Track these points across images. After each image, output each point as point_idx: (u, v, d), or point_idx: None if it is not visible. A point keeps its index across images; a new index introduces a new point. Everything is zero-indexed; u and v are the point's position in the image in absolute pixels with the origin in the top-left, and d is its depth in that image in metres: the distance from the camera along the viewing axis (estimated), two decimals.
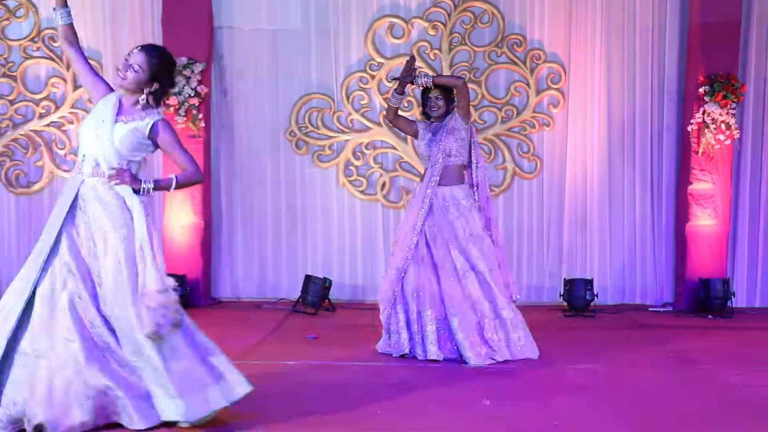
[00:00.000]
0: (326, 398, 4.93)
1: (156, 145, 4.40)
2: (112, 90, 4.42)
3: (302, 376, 5.43)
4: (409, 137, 8.18)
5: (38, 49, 8.32)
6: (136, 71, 4.31)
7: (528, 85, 8.21)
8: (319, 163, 8.36)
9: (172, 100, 7.87)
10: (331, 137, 8.34)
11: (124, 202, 4.25)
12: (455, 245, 5.90)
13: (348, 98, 8.30)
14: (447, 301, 5.85)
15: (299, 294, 7.95)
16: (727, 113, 7.72)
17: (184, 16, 7.99)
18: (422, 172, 6.19)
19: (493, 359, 5.78)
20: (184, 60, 7.88)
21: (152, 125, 4.35)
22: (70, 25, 4.44)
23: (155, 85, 4.38)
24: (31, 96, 8.34)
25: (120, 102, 4.36)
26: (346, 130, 8.34)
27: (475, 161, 6.08)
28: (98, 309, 4.17)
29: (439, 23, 8.22)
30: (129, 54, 4.36)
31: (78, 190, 4.28)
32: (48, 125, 8.34)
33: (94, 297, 4.19)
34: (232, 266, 8.51)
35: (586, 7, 8.15)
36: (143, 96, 4.35)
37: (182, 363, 4.20)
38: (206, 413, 4.18)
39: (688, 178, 7.93)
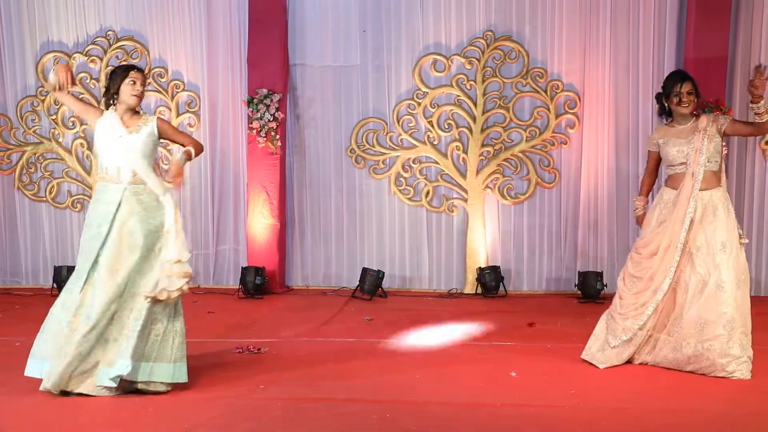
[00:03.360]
0: (379, 367, 5.05)
1: (160, 138, 4.60)
2: (101, 111, 4.59)
3: (360, 350, 5.53)
4: (451, 153, 8.29)
5: (149, 84, 8.34)
6: (144, 86, 4.59)
7: (548, 110, 8.19)
8: (374, 175, 8.43)
9: (255, 124, 8.05)
10: (384, 154, 8.40)
11: (157, 199, 4.45)
12: None
13: (398, 121, 8.34)
14: None
15: (357, 283, 8.01)
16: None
17: (266, 56, 8.10)
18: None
19: None
20: (265, 91, 8.05)
21: (156, 125, 4.56)
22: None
23: None
24: None
25: (121, 117, 4.52)
26: (396, 147, 8.38)
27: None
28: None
29: (474, 59, 8.23)
30: (134, 76, 4.50)
31: (110, 194, 4.46)
32: None
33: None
34: (303, 260, 8.57)
35: (597, 45, 8.11)
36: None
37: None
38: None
39: None
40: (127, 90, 4.51)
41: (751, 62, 7.91)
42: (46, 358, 4.34)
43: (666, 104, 5.02)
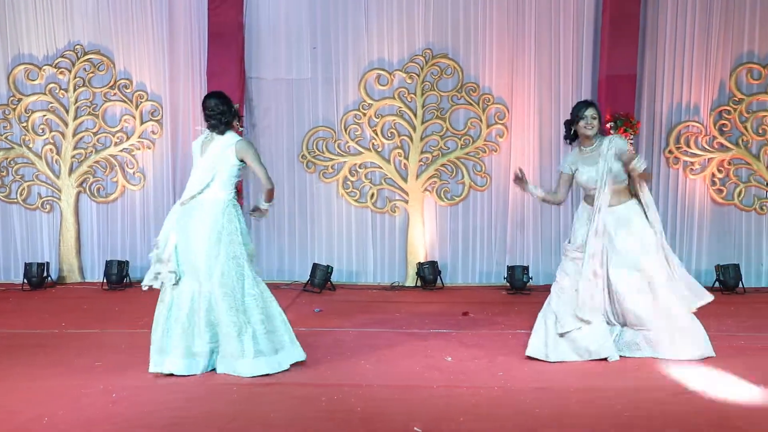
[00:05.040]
0: (328, 354, 5.04)
1: None
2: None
3: (311, 339, 5.49)
4: (393, 159, 8.32)
5: (115, 94, 8.32)
6: None
7: (481, 120, 8.26)
8: (324, 179, 8.40)
9: None
10: (332, 159, 8.38)
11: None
12: None
13: (346, 130, 8.33)
14: None
15: (308, 277, 7.98)
16: (627, 142, 7.79)
17: (224, 69, 8.00)
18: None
19: None
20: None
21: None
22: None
23: None
24: (109, 129, 8.35)
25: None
26: (344, 154, 8.37)
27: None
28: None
29: (414, 74, 8.26)
30: None
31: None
32: (121, 151, 8.35)
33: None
34: (258, 256, 8.34)
35: (523, 63, 8.22)
36: None
37: None
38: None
39: None
40: None
41: (656, 79, 8.13)
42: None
43: (573, 128, 5.01)
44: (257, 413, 3.79)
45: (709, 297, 4.93)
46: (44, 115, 8.35)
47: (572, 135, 5.06)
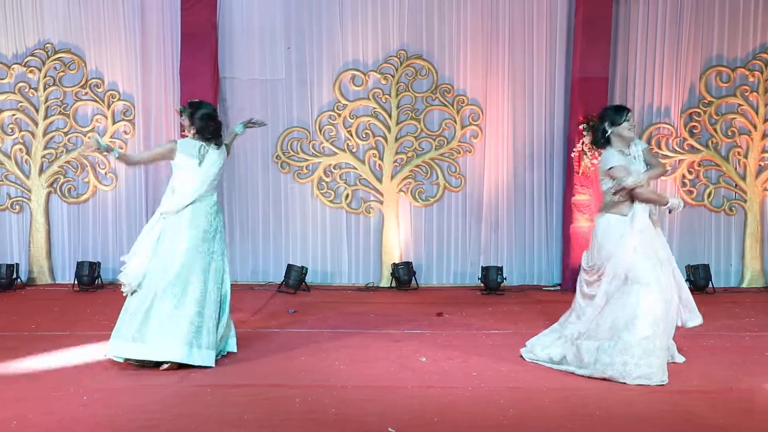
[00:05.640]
0: (302, 355, 5.02)
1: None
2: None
3: (285, 340, 5.49)
4: (368, 160, 8.32)
5: (86, 93, 8.23)
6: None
7: (455, 121, 8.32)
8: (299, 180, 8.40)
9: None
10: (307, 160, 8.38)
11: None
12: None
13: (320, 131, 8.33)
14: None
15: (283, 278, 7.96)
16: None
17: (197, 69, 7.95)
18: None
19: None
20: (196, 101, 7.90)
21: None
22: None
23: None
24: (80, 129, 8.25)
25: None
26: (318, 154, 8.37)
27: None
28: None
29: (389, 75, 8.29)
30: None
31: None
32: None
33: None
34: (232, 256, 8.39)
35: (498, 65, 8.29)
36: None
37: None
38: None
39: (572, 191, 8.03)
40: None
41: (627, 82, 8.24)
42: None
43: (609, 132, 4.72)
44: (231, 415, 3.77)
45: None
46: (14, 115, 8.23)
47: (605, 139, 4.78)
